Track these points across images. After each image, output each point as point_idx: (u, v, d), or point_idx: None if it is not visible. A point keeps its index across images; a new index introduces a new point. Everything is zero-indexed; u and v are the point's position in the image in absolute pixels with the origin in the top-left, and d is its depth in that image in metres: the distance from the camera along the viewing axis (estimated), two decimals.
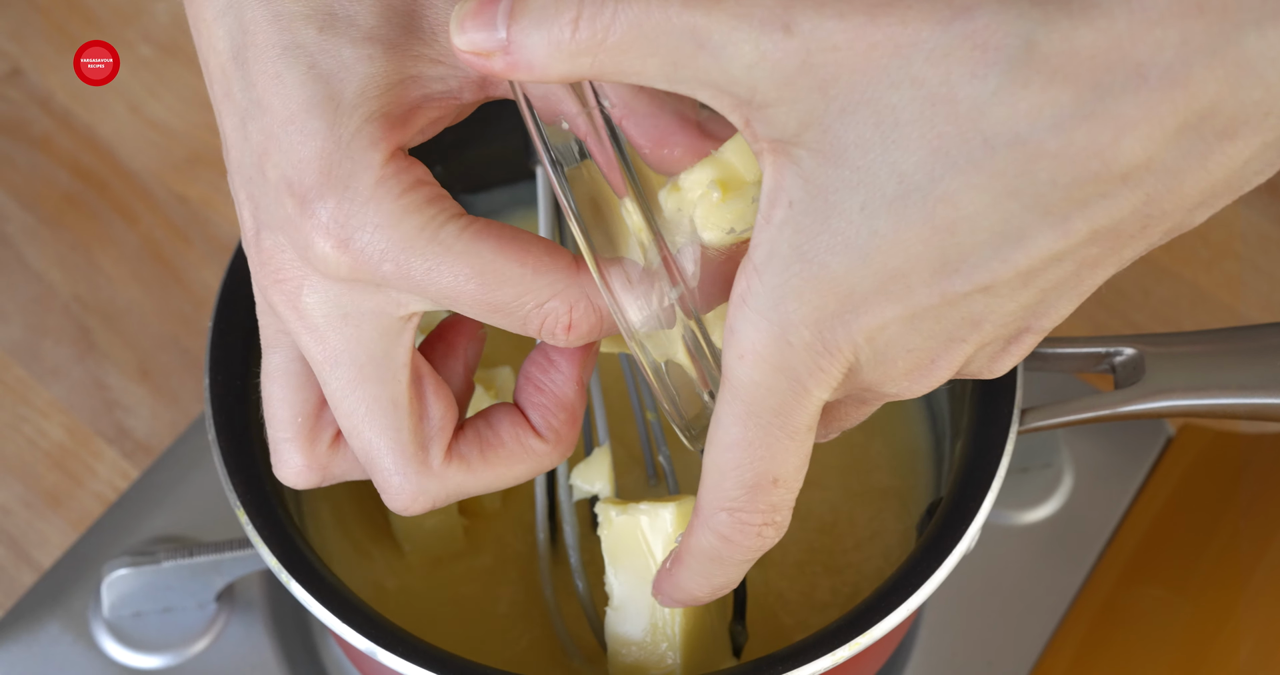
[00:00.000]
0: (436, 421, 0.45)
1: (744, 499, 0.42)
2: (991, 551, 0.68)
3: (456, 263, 0.42)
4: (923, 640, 0.67)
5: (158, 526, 0.69)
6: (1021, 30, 0.35)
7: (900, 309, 0.38)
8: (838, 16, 0.36)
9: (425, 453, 0.45)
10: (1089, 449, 0.71)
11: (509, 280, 0.42)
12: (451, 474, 0.45)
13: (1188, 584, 0.69)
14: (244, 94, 0.42)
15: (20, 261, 0.79)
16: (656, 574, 0.47)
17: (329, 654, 0.67)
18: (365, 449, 0.45)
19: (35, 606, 0.67)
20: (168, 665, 0.66)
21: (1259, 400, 0.53)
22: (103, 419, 0.75)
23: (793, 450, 0.41)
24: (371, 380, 0.44)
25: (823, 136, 0.37)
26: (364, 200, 0.41)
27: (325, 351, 0.43)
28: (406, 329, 0.44)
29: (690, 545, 0.44)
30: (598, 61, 0.38)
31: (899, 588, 0.49)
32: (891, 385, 0.41)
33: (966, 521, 0.51)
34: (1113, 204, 0.36)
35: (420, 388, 0.45)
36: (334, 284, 0.43)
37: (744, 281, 0.39)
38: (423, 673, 0.48)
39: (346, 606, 0.49)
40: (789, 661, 0.48)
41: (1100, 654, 0.67)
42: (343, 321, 0.43)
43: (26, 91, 0.84)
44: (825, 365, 0.39)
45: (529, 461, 0.47)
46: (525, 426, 0.47)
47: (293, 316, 0.43)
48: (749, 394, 0.40)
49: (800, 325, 0.39)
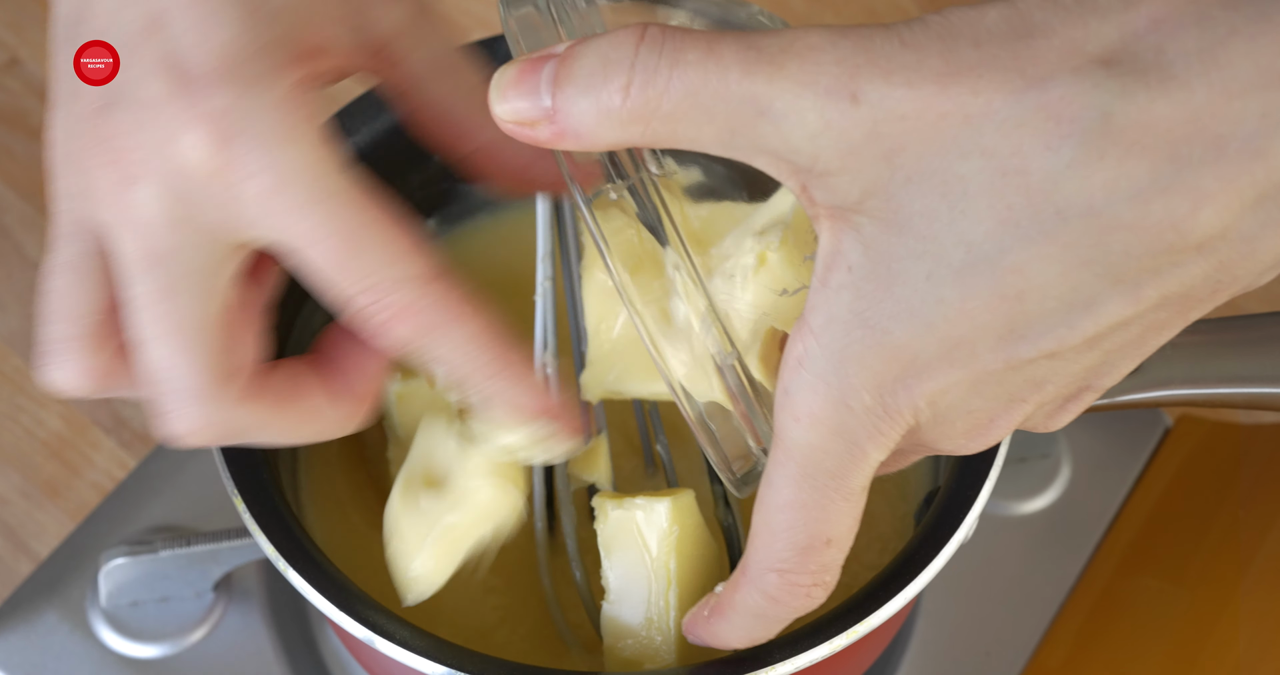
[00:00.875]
0: (241, 354, 0.43)
1: (795, 560, 0.41)
2: (989, 541, 0.68)
3: (333, 209, 0.40)
4: (920, 630, 0.67)
5: (155, 516, 0.69)
6: (1098, 102, 0.34)
7: (964, 374, 0.38)
8: (906, 85, 0.35)
9: (225, 383, 0.42)
10: (1087, 439, 0.71)
11: (371, 252, 0.41)
12: (244, 412, 0.43)
13: (1185, 574, 0.69)
14: None
15: (18, 252, 0.79)
16: (691, 617, 0.47)
17: (327, 643, 0.67)
18: (159, 365, 0.42)
19: (33, 596, 0.67)
20: (165, 654, 0.66)
21: (1257, 390, 0.53)
22: (100, 408, 0.75)
23: (847, 511, 0.40)
24: (186, 294, 0.41)
25: (886, 205, 0.36)
26: (262, 107, 0.39)
27: (144, 252, 0.40)
28: (235, 257, 0.41)
29: (735, 602, 0.43)
30: (650, 130, 0.37)
31: (896, 576, 0.49)
32: (948, 443, 0.40)
33: (964, 511, 0.51)
34: (1185, 272, 0.36)
35: (237, 319, 0.42)
36: (183, 183, 0.40)
37: (800, 344, 0.39)
38: (421, 661, 0.48)
39: (344, 595, 0.49)
40: (787, 650, 0.48)
41: (1098, 644, 0.67)
42: (176, 225, 0.40)
43: (25, 81, 0.83)
44: (885, 429, 0.39)
45: (319, 424, 0.45)
46: (324, 388, 0.45)
47: (117, 206, 0.40)
48: (804, 456, 0.39)
49: (861, 390, 0.38)
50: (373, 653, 0.49)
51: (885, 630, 0.53)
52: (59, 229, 0.42)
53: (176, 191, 0.40)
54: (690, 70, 0.36)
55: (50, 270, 0.43)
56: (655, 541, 0.51)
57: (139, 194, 0.40)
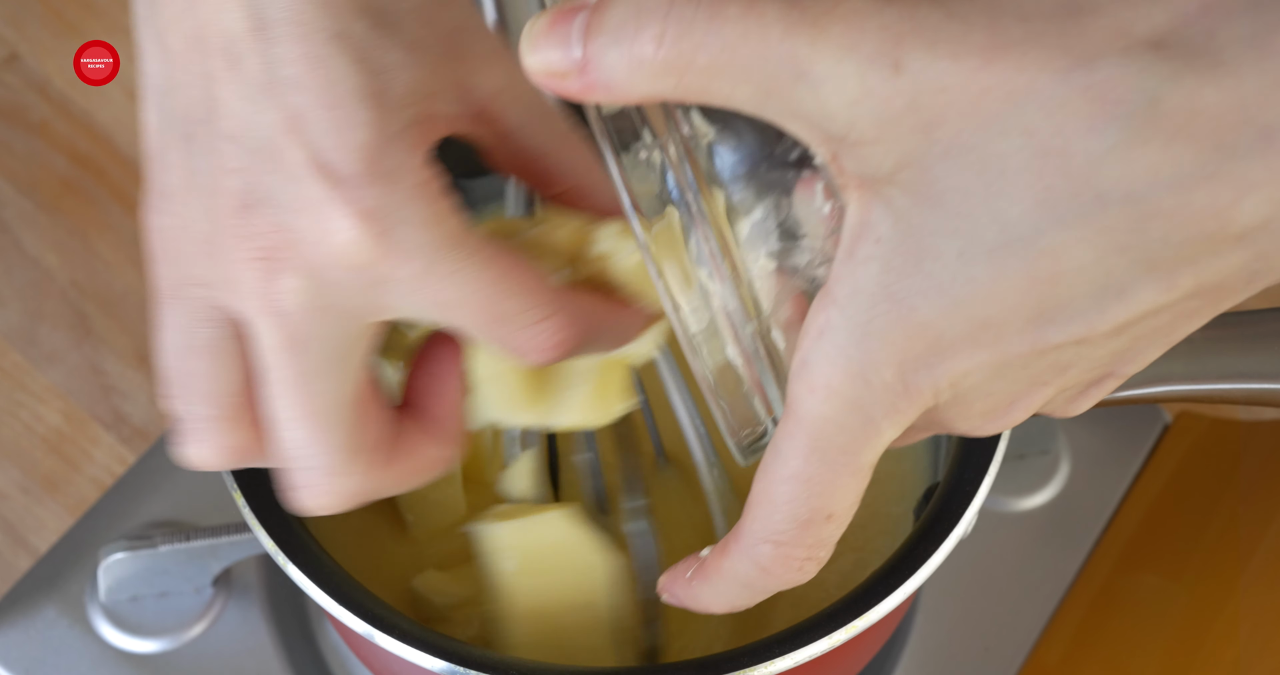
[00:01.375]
0: (374, 429, 0.44)
1: (793, 533, 0.40)
2: (989, 538, 0.68)
3: (480, 267, 0.41)
4: (920, 625, 0.67)
5: (154, 511, 0.69)
6: (1146, 86, 0.33)
7: (988, 356, 0.37)
8: (951, 57, 0.35)
9: (357, 458, 0.44)
10: (1086, 436, 0.71)
11: (520, 291, 0.42)
12: (372, 479, 0.44)
13: (1184, 571, 0.69)
14: (265, 70, 0.40)
15: (17, 247, 0.79)
16: (670, 576, 0.46)
17: (326, 638, 0.67)
18: (295, 445, 0.43)
19: (32, 591, 0.67)
20: (164, 649, 0.66)
21: (1256, 386, 0.53)
22: (100, 404, 0.74)
23: (852, 487, 0.40)
24: (324, 377, 0.42)
25: (920, 178, 0.36)
26: (407, 196, 0.40)
27: (286, 339, 0.42)
28: (371, 334, 0.43)
29: (722, 568, 0.43)
30: (683, 83, 0.37)
31: (896, 572, 0.50)
32: (964, 423, 0.40)
33: (963, 506, 0.51)
34: (1223, 262, 0.35)
35: (369, 394, 0.44)
36: (333, 274, 0.41)
37: (822, 315, 0.38)
38: (420, 655, 0.48)
39: (344, 589, 0.49)
40: (786, 645, 0.48)
41: (1096, 640, 0.67)
42: (318, 313, 0.42)
43: (24, 77, 0.83)
44: (903, 407, 0.38)
45: (432, 472, 0.46)
46: (427, 436, 0.46)
47: (261, 296, 0.41)
48: (816, 428, 0.39)
49: (882, 366, 0.37)
50: (372, 647, 0.49)
51: (884, 626, 0.53)
52: (190, 313, 0.43)
53: (323, 282, 0.41)
54: (729, 25, 0.36)
55: (184, 351, 0.44)
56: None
57: (284, 284, 0.41)
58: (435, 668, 0.48)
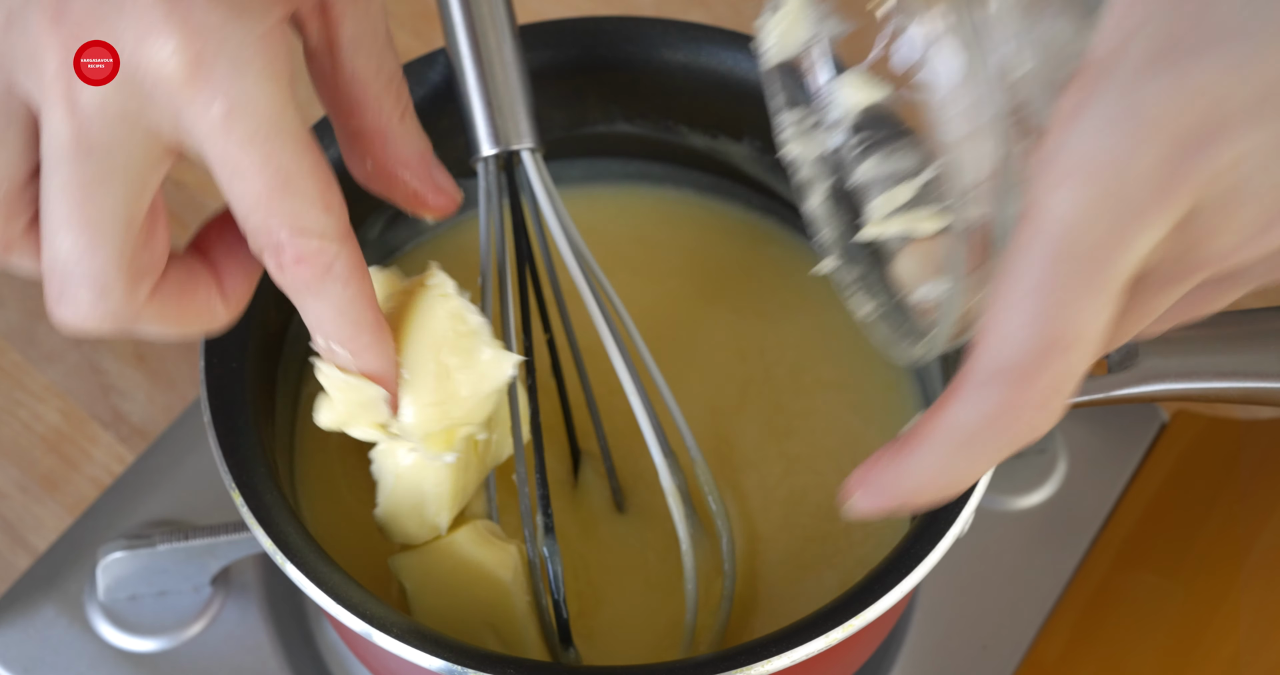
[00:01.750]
0: (155, 256, 0.42)
1: (1027, 364, 0.35)
2: (986, 536, 0.68)
3: (277, 147, 0.40)
4: (917, 624, 0.67)
5: (153, 510, 0.69)
6: None
7: (1270, 134, 0.33)
8: None
9: (137, 281, 0.42)
10: (1083, 434, 0.71)
11: (299, 197, 0.41)
12: (146, 308, 0.43)
13: (1181, 569, 0.69)
14: None
15: None
16: (864, 465, 0.40)
17: (324, 637, 0.68)
18: (69, 251, 0.41)
19: (30, 590, 0.67)
20: (163, 648, 0.66)
21: (1253, 385, 0.53)
22: (98, 403, 0.75)
23: (1098, 310, 0.34)
24: (113, 188, 0.40)
25: None
26: (247, 35, 0.39)
27: (79, 138, 0.39)
28: (168, 160, 0.41)
29: (942, 421, 0.37)
30: None
31: (893, 570, 0.50)
32: (1224, 239, 0.35)
33: (960, 505, 0.51)
34: None
35: (155, 218, 0.42)
36: (142, 82, 0.39)
37: (1078, 91, 0.34)
38: (418, 654, 0.48)
39: (342, 589, 0.49)
40: (783, 643, 0.48)
41: (1094, 638, 0.67)
42: (119, 119, 0.39)
43: None
44: (1163, 199, 0.33)
45: (206, 322, 0.45)
46: (216, 286, 0.45)
47: (63, 86, 0.39)
48: (1061, 227, 0.34)
49: (1147, 144, 0.33)
50: (370, 646, 0.49)
51: (882, 624, 0.53)
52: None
53: (131, 88, 0.39)
54: None
55: None
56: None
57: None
58: (433, 666, 0.48)
